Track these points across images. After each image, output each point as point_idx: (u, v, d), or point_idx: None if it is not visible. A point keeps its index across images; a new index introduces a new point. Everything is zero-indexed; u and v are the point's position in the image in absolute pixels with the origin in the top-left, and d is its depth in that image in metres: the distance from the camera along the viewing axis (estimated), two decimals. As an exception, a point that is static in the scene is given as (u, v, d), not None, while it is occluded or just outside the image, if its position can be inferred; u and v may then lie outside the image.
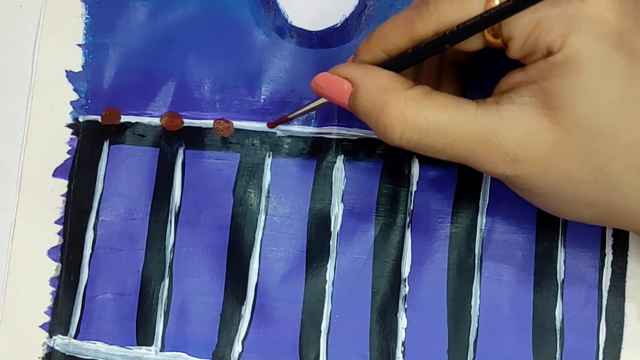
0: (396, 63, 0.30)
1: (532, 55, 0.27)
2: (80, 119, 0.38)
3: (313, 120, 0.36)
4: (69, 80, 0.38)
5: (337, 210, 0.36)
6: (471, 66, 0.34)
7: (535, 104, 0.27)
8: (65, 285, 0.37)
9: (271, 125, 0.36)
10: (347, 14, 0.37)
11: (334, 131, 0.36)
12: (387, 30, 0.30)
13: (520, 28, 0.27)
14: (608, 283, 0.34)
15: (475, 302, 0.34)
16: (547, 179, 0.28)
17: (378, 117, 0.29)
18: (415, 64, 0.30)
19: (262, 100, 0.37)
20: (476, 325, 0.34)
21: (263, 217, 0.36)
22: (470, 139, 0.28)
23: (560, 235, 0.34)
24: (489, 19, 0.27)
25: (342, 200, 0.36)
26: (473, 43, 0.28)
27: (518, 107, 0.27)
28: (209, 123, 0.37)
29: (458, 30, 0.28)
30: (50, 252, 0.37)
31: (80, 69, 0.38)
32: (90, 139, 0.37)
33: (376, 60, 0.30)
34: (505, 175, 0.29)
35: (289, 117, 0.36)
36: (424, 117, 0.28)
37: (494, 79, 0.29)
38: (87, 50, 0.38)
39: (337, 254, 0.35)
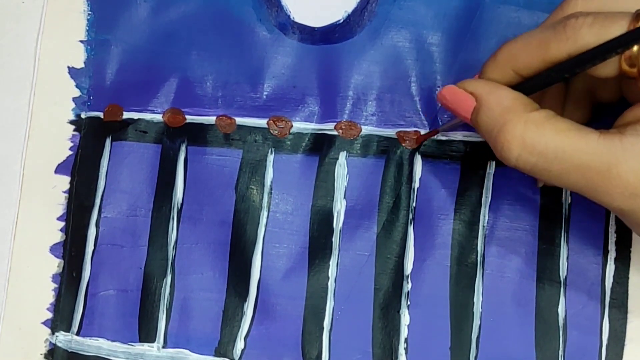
0: (527, 86, 0.29)
1: None
2: (83, 116, 0.38)
3: (315, 117, 0.36)
4: (71, 77, 0.38)
5: (339, 207, 0.36)
6: (611, 102, 0.33)
7: None
8: (68, 281, 0.37)
9: (425, 136, 0.35)
10: (350, 10, 0.37)
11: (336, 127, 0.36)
12: (518, 48, 0.29)
13: None
14: (611, 280, 0.34)
15: (477, 298, 0.34)
16: None
17: (497, 136, 0.29)
18: (547, 87, 0.29)
19: (264, 97, 0.37)
20: (479, 322, 0.34)
21: (265, 214, 0.36)
22: (589, 167, 0.27)
23: (563, 232, 0.34)
24: (626, 41, 0.26)
25: (344, 197, 0.36)
26: (606, 69, 0.28)
27: None
28: (211, 119, 0.37)
29: (591, 53, 0.27)
30: (53, 249, 0.37)
31: (83, 65, 0.38)
32: (93, 136, 0.37)
33: (504, 77, 0.30)
34: (620, 209, 0.28)
35: (439, 130, 0.35)
36: (543, 141, 0.28)
37: (615, 110, 0.29)
38: (89, 47, 0.38)
39: (339, 250, 0.35)
